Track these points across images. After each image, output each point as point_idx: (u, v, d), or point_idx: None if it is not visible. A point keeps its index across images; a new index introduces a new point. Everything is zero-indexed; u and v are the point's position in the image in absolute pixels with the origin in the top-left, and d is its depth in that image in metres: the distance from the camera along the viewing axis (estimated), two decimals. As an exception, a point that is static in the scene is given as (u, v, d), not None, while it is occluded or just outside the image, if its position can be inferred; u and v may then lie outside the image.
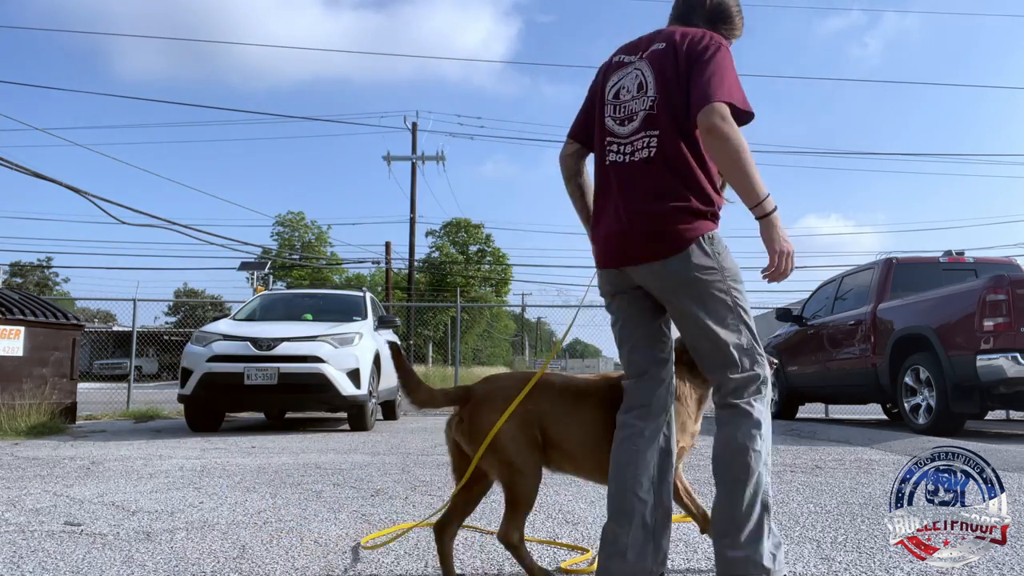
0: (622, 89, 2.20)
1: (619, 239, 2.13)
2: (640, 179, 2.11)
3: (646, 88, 2.14)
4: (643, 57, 2.19)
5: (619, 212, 2.13)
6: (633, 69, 2.19)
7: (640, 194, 2.10)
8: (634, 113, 2.15)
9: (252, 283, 29.63)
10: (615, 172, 2.16)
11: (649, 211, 2.07)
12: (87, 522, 3.17)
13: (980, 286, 6.62)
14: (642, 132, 2.12)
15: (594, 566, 2.42)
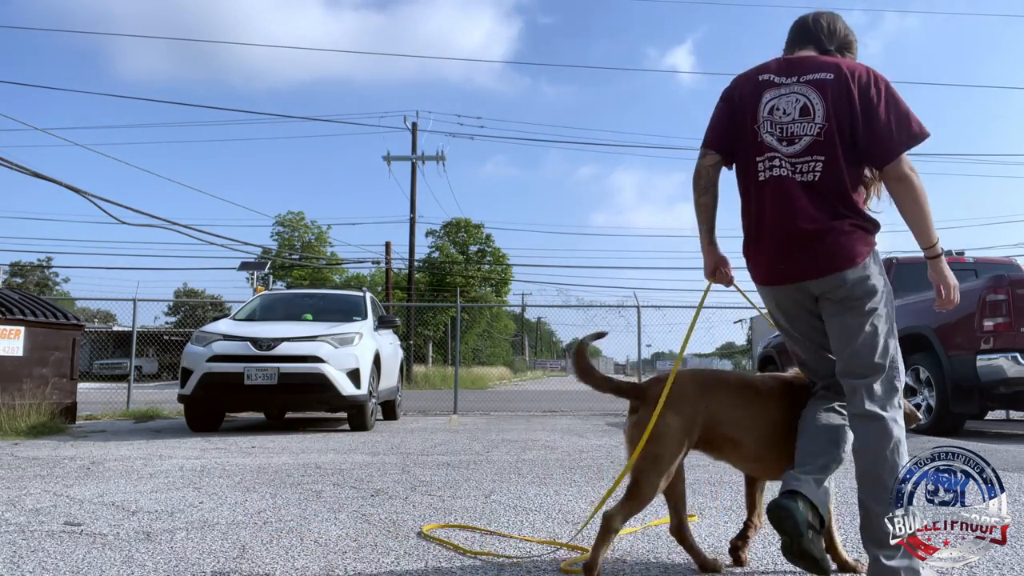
0: (777, 109, 2.31)
1: (798, 254, 2.25)
2: (810, 199, 2.24)
3: (813, 114, 2.26)
4: (804, 82, 2.30)
5: (789, 228, 2.25)
6: (792, 92, 2.30)
7: (814, 212, 2.23)
8: (797, 136, 2.27)
9: (252, 283, 29.63)
10: (776, 186, 2.28)
11: (829, 227, 2.22)
12: (87, 522, 3.17)
13: (980, 286, 6.62)
14: (808, 156, 2.25)
15: (594, 566, 2.42)
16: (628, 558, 2.54)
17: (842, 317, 2.25)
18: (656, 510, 3.43)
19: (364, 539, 2.84)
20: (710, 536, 2.87)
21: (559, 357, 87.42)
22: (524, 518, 3.24)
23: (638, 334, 12.63)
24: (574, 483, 4.28)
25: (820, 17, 2.49)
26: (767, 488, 2.60)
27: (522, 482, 4.30)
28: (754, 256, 2.38)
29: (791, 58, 2.41)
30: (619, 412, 11.28)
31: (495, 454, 5.71)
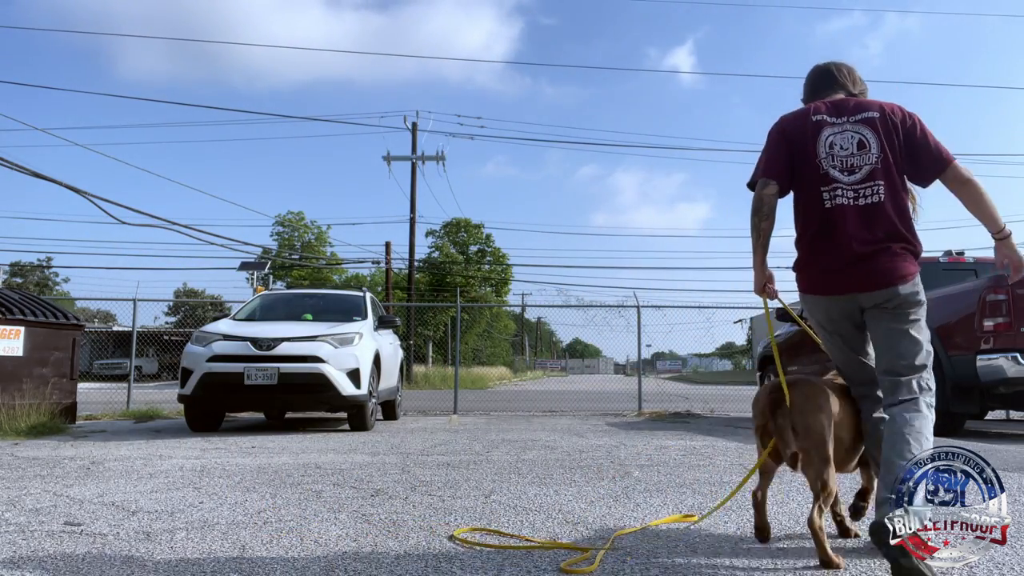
0: (835, 145, 2.71)
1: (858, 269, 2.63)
2: (874, 220, 2.64)
3: (869, 147, 2.69)
4: (855, 121, 2.73)
5: (854, 247, 2.63)
6: (846, 130, 2.72)
7: (877, 232, 2.63)
8: (857, 167, 2.68)
9: (252, 283, 29.64)
10: (841, 213, 2.66)
11: (887, 247, 2.62)
12: (87, 522, 3.17)
13: (980, 286, 6.62)
14: (870, 182, 2.66)
15: (594, 566, 2.42)
16: (628, 558, 2.54)
17: (891, 324, 2.64)
18: (656, 510, 3.43)
19: (364, 539, 2.84)
20: (710, 536, 2.87)
21: (559, 357, 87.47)
22: (524, 518, 3.24)
23: (638, 334, 12.64)
24: (574, 483, 4.28)
25: (841, 67, 2.94)
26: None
27: (522, 482, 4.31)
28: (815, 270, 2.73)
29: (835, 101, 2.81)
30: (619, 412, 11.28)
31: (495, 454, 5.71)
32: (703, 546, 2.71)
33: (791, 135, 2.78)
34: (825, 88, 2.91)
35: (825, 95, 2.88)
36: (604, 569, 2.41)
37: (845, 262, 2.64)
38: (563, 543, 2.76)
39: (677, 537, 2.85)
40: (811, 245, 2.72)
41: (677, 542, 2.77)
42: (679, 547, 2.70)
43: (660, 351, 64.56)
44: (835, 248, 2.65)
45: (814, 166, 2.71)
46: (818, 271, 2.72)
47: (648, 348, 50.42)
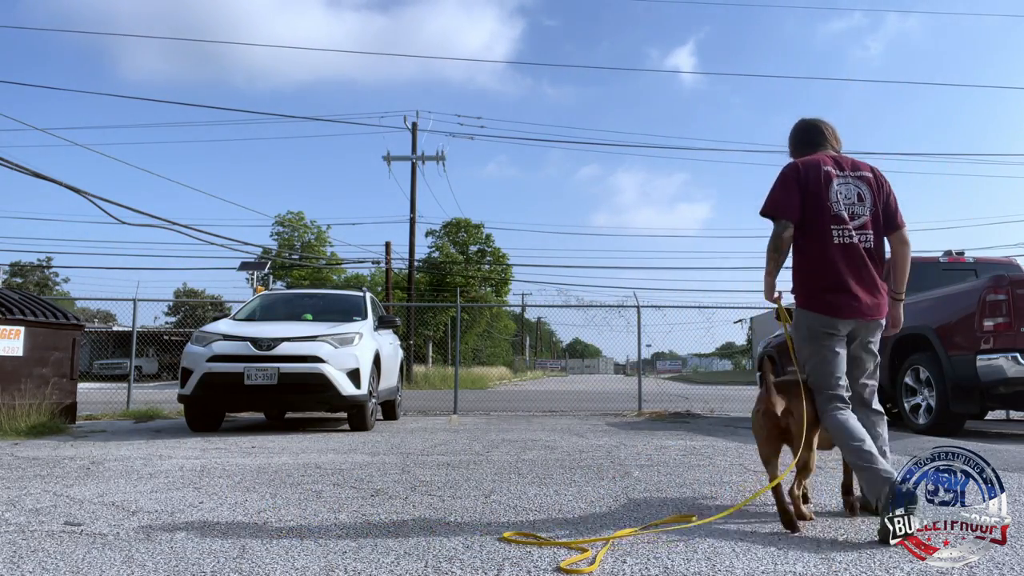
0: (841, 193, 3.24)
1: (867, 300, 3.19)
2: (868, 262, 3.21)
3: (865, 201, 3.26)
4: (855, 177, 3.30)
5: (866, 280, 3.20)
6: (849, 183, 3.27)
7: (871, 273, 3.22)
8: (856, 215, 3.24)
9: (252, 283, 29.63)
10: (846, 251, 3.19)
11: (879, 286, 3.24)
12: (87, 522, 3.17)
13: (980, 286, 6.62)
14: (865, 230, 3.23)
15: (594, 566, 2.42)
16: (628, 558, 2.54)
17: (871, 348, 3.29)
18: (656, 510, 3.43)
19: (364, 539, 2.84)
20: (710, 536, 2.87)
21: (559, 357, 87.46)
22: (524, 518, 3.24)
23: (638, 334, 12.63)
24: (574, 483, 4.28)
25: (828, 125, 3.49)
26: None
27: (522, 482, 4.31)
28: (839, 293, 3.18)
29: (836, 156, 3.37)
30: (619, 412, 11.28)
31: (495, 454, 5.71)
32: (703, 546, 2.71)
33: (806, 179, 3.24)
34: (816, 144, 3.44)
35: (818, 149, 3.42)
36: (604, 569, 2.41)
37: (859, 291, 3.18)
38: (562, 542, 2.76)
39: (677, 537, 2.85)
40: (825, 274, 3.19)
41: (677, 542, 2.77)
42: (679, 547, 2.70)
43: (660, 351, 64.54)
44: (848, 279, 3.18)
45: (826, 208, 3.20)
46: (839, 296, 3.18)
47: (648, 348, 50.33)
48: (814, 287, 3.21)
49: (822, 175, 3.24)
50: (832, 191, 3.22)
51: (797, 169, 3.28)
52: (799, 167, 3.29)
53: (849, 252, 3.18)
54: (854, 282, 3.16)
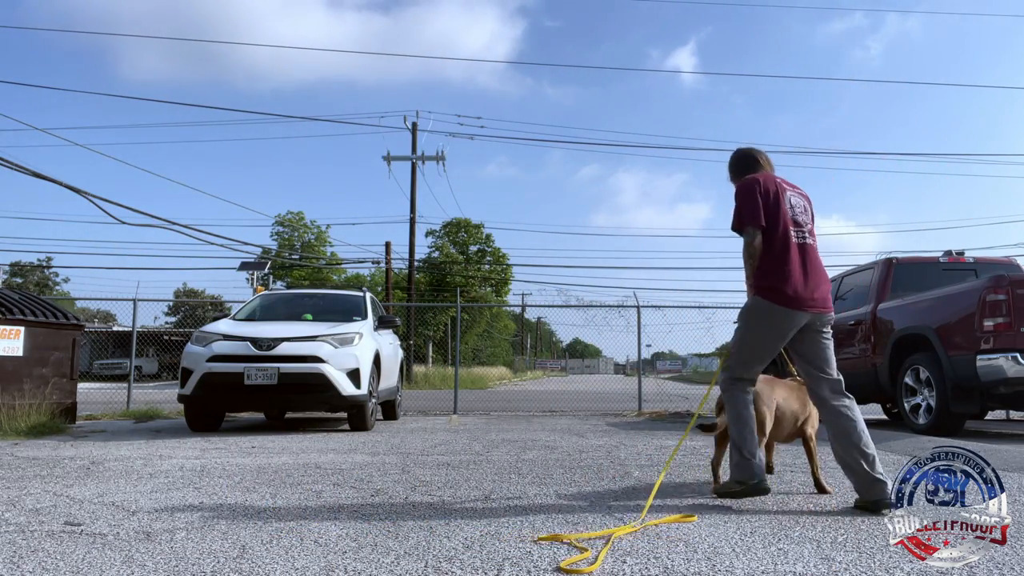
0: (792, 204, 3.70)
1: (822, 297, 3.60)
2: (818, 260, 3.68)
3: (806, 211, 3.76)
4: (798, 193, 3.80)
5: (819, 278, 3.62)
6: (795, 196, 3.75)
7: (822, 270, 3.68)
8: (805, 222, 3.70)
9: (252, 283, 29.62)
10: (802, 250, 3.62)
11: (828, 281, 3.72)
12: (87, 522, 3.17)
13: (980, 286, 6.61)
14: (812, 234, 3.72)
15: (595, 566, 2.42)
16: (628, 558, 2.54)
17: (824, 339, 3.64)
18: (656, 510, 3.43)
19: (364, 539, 2.84)
20: (710, 536, 2.87)
21: (559, 357, 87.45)
22: (524, 518, 3.24)
23: (638, 334, 12.63)
24: (574, 483, 4.28)
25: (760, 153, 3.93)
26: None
27: (522, 482, 4.31)
28: (795, 284, 3.51)
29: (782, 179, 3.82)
30: (619, 412, 11.28)
31: (495, 454, 5.71)
32: (703, 546, 2.71)
33: (766, 190, 3.63)
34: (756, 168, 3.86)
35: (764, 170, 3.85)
36: (604, 569, 2.41)
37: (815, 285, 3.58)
38: (567, 535, 2.76)
39: (677, 537, 2.85)
40: (787, 271, 3.53)
41: (677, 542, 2.77)
42: (679, 547, 2.70)
43: (660, 351, 64.46)
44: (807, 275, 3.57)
45: (785, 213, 3.63)
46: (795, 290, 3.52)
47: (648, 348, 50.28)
48: (778, 282, 3.52)
49: (778, 186, 3.69)
50: (787, 201, 3.67)
51: (757, 182, 3.66)
52: (758, 180, 3.68)
53: (805, 252, 3.61)
54: (811, 278, 3.57)
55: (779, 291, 3.50)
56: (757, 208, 3.57)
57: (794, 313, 3.50)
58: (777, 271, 3.53)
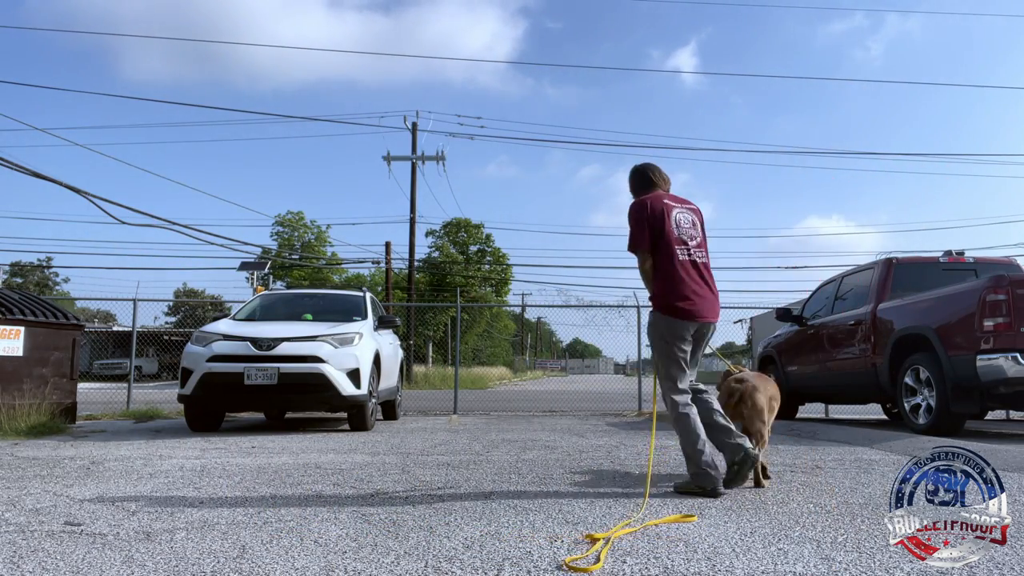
0: (681, 220, 4.04)
1: (711, 306, 3.99)
2: (708, 274, 4.05)
3: (695, 226, 4.10)
4: (686, 208, 4.12)
5: (708, 291, 3.99)
6: (682, 212, 4.07)
7: (712, 283, 4.04)
8: (692, 237, 4.05)
9: (252, 283, 29.62)
10: (692, 266, 3.98)
11: (715, 292, 4.08)
12: (87, 522, 3.17)
13: (980, 286, 6.61)
14: (699, 248, 4.05)
15: (599, 565, 2.42)
16: (628, 558, 2.54)
17: (703, 346, 4.11)
18: (656, 510, 3.44)
19: (364, 539, 2.84)
20: (711, 536, 2.87)
21: (559, 357, 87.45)
22: (524, 518, 3.24)
23: (638, 334, 12.62)
24: (574, 483, 4.28)
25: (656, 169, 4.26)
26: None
27: (522, 482, 4.31)
28: (688, 301, 3.91)
29: (672, 194, 4.19)
30: (619, 412, 11.28)
31: (495, 454, 5.71)
32: (703, 546, 2.71)
33: (652, 213, 3.98)
34: (651, 184, 4.20)
35: (653, 188, 4.18)
36: (604, 570, 2.41)
37: (704, 298, 3.96)
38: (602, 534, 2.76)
39: (677, 537, 2.85)
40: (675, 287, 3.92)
41: (677, 542, 2.77)
42: (679, 547, 2.70)
43: (660, 351, 64.24)
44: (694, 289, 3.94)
45: (671, 233, 3.97)
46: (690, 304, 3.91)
47: (648, 348, 50.25)
48: (668, 297, 3.92)
49: (663, 207, 4.03)
50: (672, 219, 4.01)
51: (644, 206, 4.02)
52: (645, 204, 4.03)
53: (691, 267, 3.98)
54: (697, 291, 3.94)
55: (675, 307, 3.91)
56: (644, 232, 3.96)
57: (691, 324, 3.93)
58: (670, 289, 3.93)
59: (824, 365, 8.89)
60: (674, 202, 4.09)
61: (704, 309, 3.93)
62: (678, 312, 3.90)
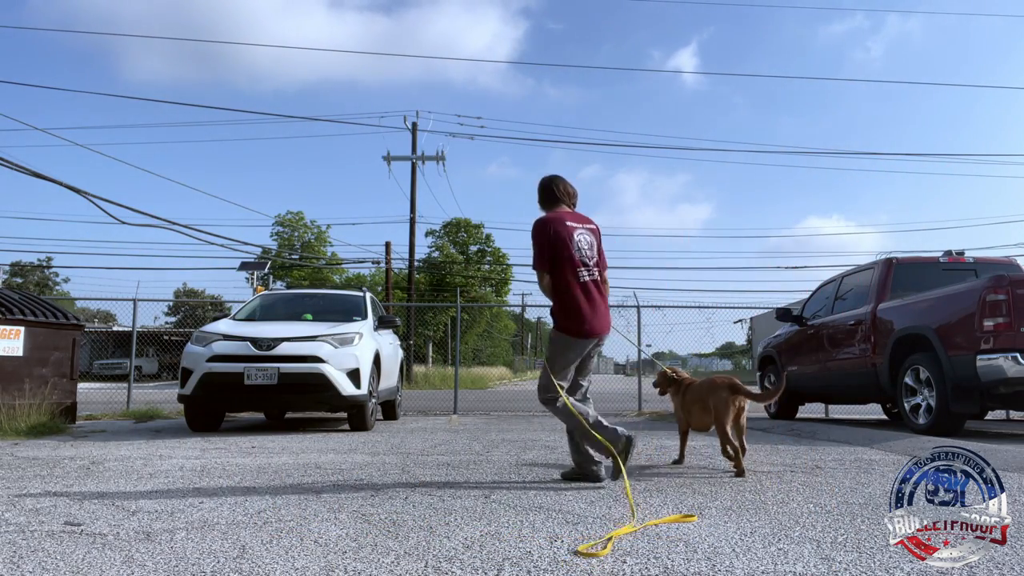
0: (581, 242, 4.35)
1: (605, 323, 4.39)
2: (600, 294, 4.41)
3: (593, 248, 4.43)
4: (585, 229, 4.43)
5: (602, 307, 4.39)
6: (582, 234, 4.39)
7: (603, 302, 4.42)
8: (591, 258, 4.38)
9: (252, 283, 29.62)
10: (585, 287, 4.32)
11: (607, 310, 4.46)
12: (87, 522, 3.17)
13: (980, 286, 6.61)
14: (593, 269, 4.39)
15: (607, 549, 2.42)
16: (628, 558, 2.54)
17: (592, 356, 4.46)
18: (656, 510, 3.44)
19: (364, 539, 2.84)
20: (710, 536, 2.87)
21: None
22: (524, 518, 3.24)
23: (638, 334, 12.64)
24: (574, 483, 4.28)
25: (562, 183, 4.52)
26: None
27: (522, 482, 4.31)
28: (584, 321, 4.26)
29: (574, 213, 4.49)
30: (618, 413, 11.28)
31: (495, 454, 5.71)
32: (703, 546, 2.71)
33: (555, 235, 4.27)
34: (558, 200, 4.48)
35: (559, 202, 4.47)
36: (604, 569, 2.41)
37: (601, 316, 4.33)
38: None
39: (677, 537, 2.85)
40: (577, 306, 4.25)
41: (677, 542, 2.77)
42: (679, 547, 2.70)
43: (660, 351, 64.44)
44: (593, 307, 4.30)
45: (572, 254, 4.28)
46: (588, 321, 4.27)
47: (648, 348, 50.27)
48: (569, 317, 4.27)
49: (566, 230, 4.31)
50: (575, 242, 4.31)
51: (547, 226, 4.29)
52: (548, 226, 4.30)
53: (588, 288, 4.30)
54: (593, 311, 4.29)
55: (572, 328, 4.27)
56: (545, 255, 4.27)
57: (586, 341, 4.32)
58: (572, 313, 4.27)
59: (824, 365, 8.89)
60: (576, 222, 4.38)
61: (599, 327, 4.33)
62: (580, 334, 4.27)
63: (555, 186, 4.49)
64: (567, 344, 4.31)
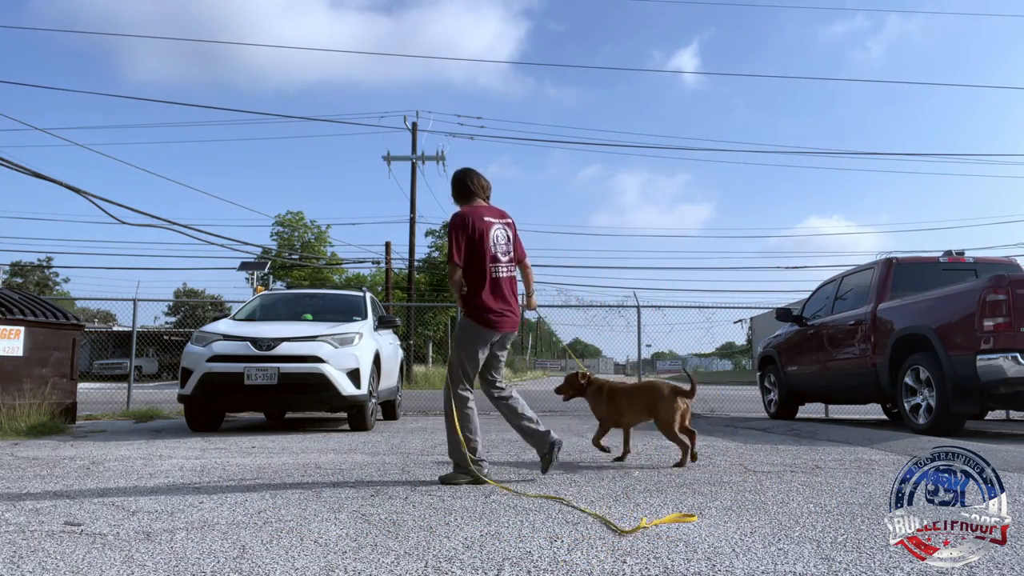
0: (498, 237, 4.43)
1: (514, 319, 4.46)
2: (512, 289, 4.48)
3: (509, 242, 4.51)
4: (502, 224, 4.48)
5: (512, 303, 4.44)
6: (499, 229, 4.46)
7: (513, 297, 4.47)
8: (506, 253, 4.46)
9: (252, 283, 29.61)
10: (502, 282, 4.41)
11: (517, 305, 4.52)
12: (87, 522, 3.17)
13: (980, 286, 6.61)
14: (510, 264, 4.48)
15: (640, 525, 2.42)
16: (628, 558, 2.54)
17: (501, 353, 4.54)
18: (656, 510, 3.44)
19: (364, 539, 2.84)
20: (710, 536, 2.87)
21: (559, 357, 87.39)
22: (524, 518, 3.24)
23: (638, 334, 12.64)
24: (574, 483, 4.29)
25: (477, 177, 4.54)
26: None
27: (522, 482, 4.30)
28: (495, 314, 4.34)
29: (491, 207, 4.52)
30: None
31: (495, 454, 5.70)
32: (703, 546, 2.71)
33: (472, 230, 4.32)
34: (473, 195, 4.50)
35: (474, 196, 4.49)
36: (604, 569, 2.41)
37: (509, 311, 4.40)
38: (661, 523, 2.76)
39: (677, 537, 2.85)
40: (487, 301, 4.32)
41: (677, 542, 2.77)
42: (679, 547, 2.70)
43: (660, 351, 64.40)
44: (504, 302, 4.38)
45: (488, 250, 4.35)
46: (499, 315, 4.35)
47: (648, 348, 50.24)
48: (479, 308, 4.33)
49: (483, 225, 4.37)
50: (491, 237, 4.38)
51: (464, 222, 4.33)
52: (465, 220, 4.34)
53: (501, 283, 4.38)
54: (503, 305, 4.37)
55: (486, 319, 4.34)
56: (460, 248, 4.31)
57: (492, 332, 4.37)
58: (479, 300, 4.33)
59: (824, 365, 8.89)
60: (493, 217, 4.45)
61: (508, 322, 4.42)
62: (489, 324, 4.35)
63: (469, 180, 4.52)
64: (475, 332, 4.36)
